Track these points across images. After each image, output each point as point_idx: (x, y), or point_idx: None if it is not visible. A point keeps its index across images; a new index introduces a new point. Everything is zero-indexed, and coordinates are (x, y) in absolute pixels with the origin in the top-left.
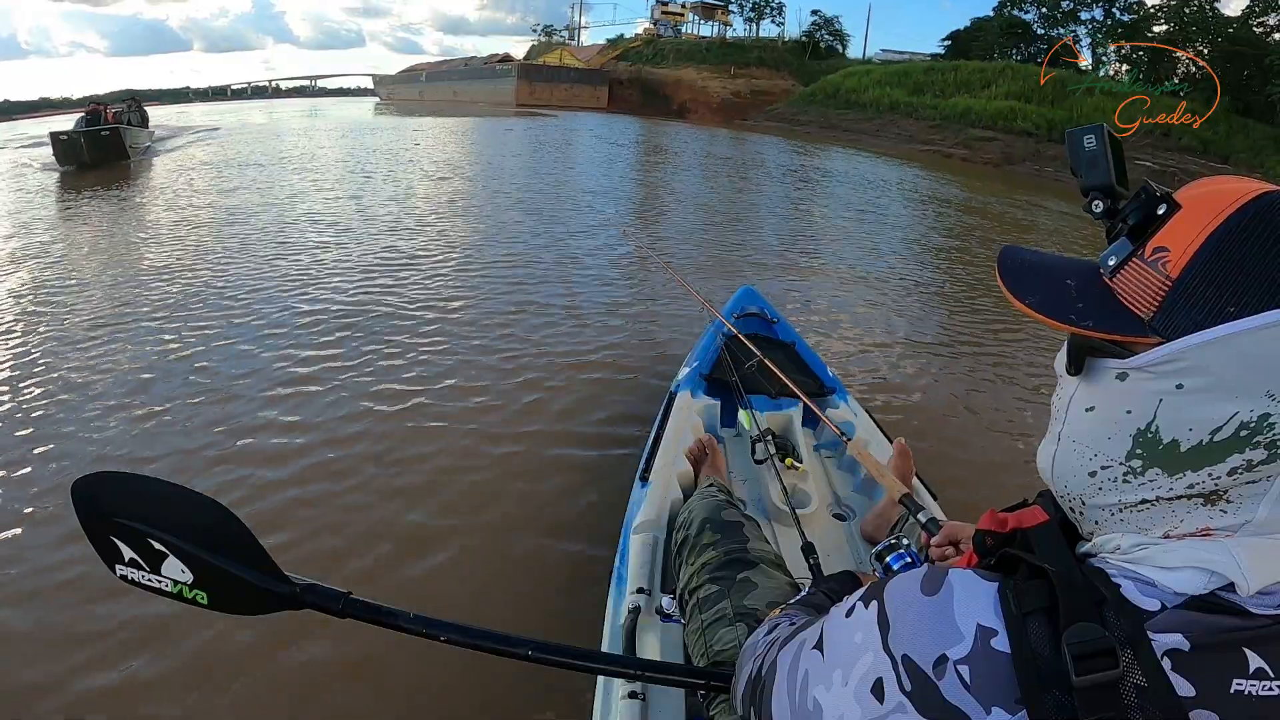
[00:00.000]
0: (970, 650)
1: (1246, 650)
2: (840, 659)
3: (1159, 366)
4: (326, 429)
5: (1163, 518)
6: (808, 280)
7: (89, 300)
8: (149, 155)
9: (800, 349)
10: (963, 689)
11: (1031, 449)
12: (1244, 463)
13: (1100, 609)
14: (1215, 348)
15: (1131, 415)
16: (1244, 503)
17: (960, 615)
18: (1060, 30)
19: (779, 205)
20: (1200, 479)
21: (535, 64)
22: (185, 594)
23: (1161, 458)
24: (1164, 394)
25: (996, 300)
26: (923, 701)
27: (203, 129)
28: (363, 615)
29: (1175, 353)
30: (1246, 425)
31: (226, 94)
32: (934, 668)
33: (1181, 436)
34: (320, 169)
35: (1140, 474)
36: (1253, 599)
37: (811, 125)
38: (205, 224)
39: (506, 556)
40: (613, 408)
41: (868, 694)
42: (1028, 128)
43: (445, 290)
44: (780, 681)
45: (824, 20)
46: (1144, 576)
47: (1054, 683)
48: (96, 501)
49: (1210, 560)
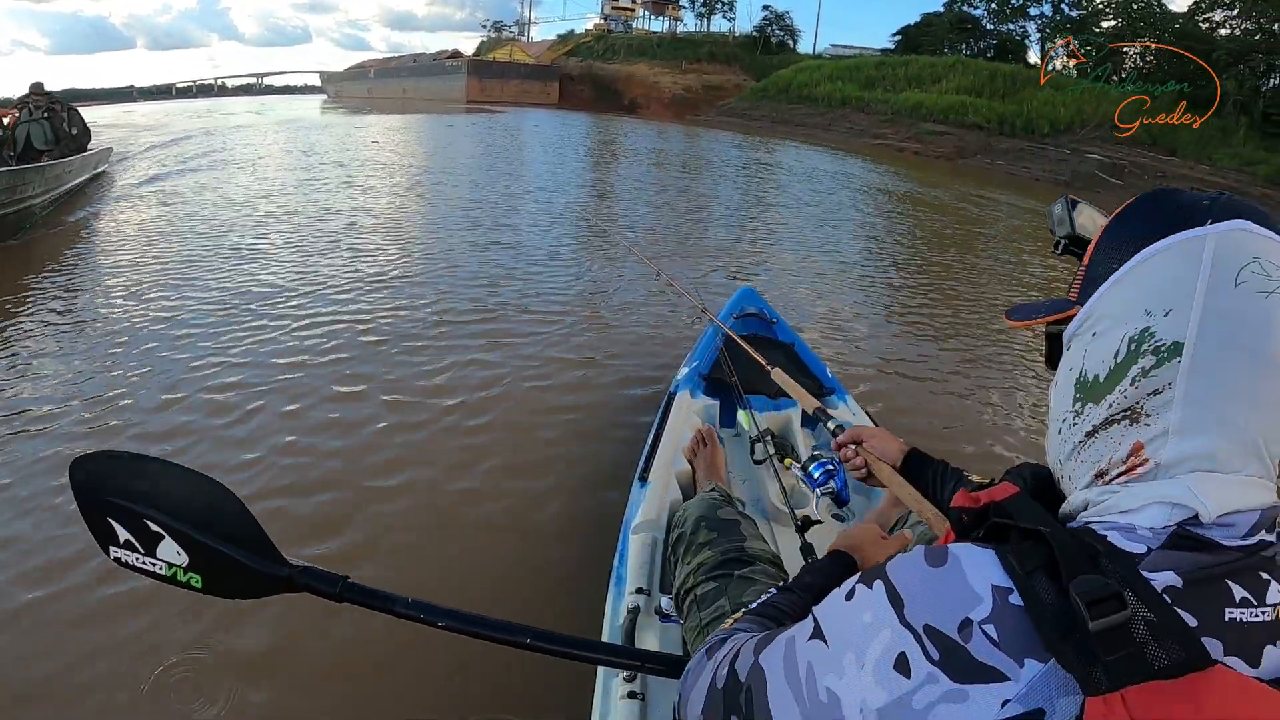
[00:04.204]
0: (992, 609)
1: (1229, 582)
2: (850, 642)
3: (1080, 326)
4: (326, 425)
5: (1105, 447)
6: (779, 273)
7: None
8: (94, 202)
9: (799, 349)
10: (993, 647)
11: (1008, 437)
12: (1140, 370)
13: (1095, 560)
14: (1107, 295)
15: (1072, 371)
16: (1158, 413)
17: (974, 579)
18: (1010, 25)
19: (736, 200)
20: (1116, 397)
21: (485, 60)
22: (180, 577)
23: (1090, 393)
24: (1086, 345)
25: (972, 305)
26: (954, 667)
27: (170, 138)
28: (360, 600)
29: (1086, 311)
30: (1133, 339)
31: (171, 93)
32: (959, 632)
33: (1099, 370)
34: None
35: (1080, 413)
36: (1220, 531)
37: (764, 120)
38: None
39: (504, 557)
40: (611, 408)
41: (890, 671)
42: (979, 121)
43: (432, 293)
44: (776, 682)
45: (775, 15)
46: (1121, 524)
47: (1072, 630)
48: (94, 481)
49: (1168, 494)
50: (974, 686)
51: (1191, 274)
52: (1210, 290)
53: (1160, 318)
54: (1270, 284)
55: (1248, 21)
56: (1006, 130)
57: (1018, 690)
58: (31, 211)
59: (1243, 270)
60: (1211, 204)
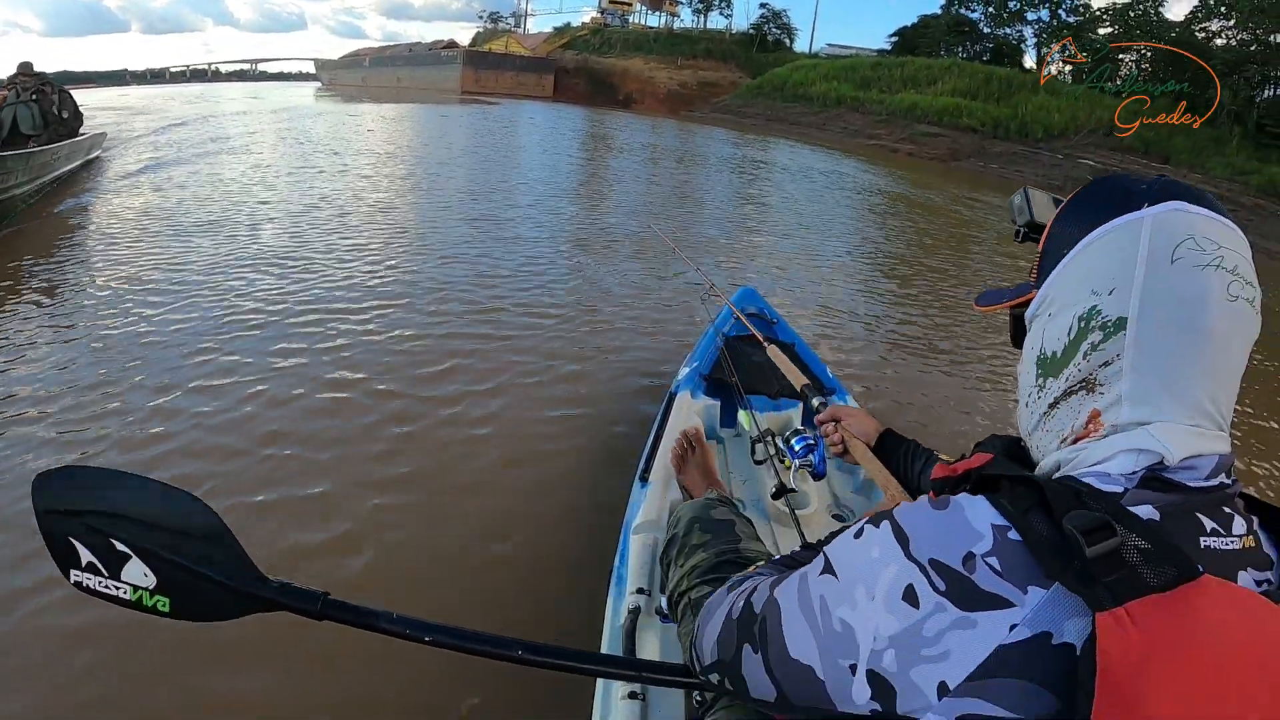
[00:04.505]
0: (994, 544)
1: (1199, 515)
2: (860, 576)
3: (1038, 308)
4: (312, 427)
5: (1066, 416)
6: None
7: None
8: (86, 192)
9: (800, 349)
10: (996, 577)
11: (1011, 430)
12: (1090, 345)
13: (1080, 499)
14: (1059, 279)
15: (1034, 349)
16: (1110, 382)
17: (974, 519)
18: (1007, 30)
19: (730, 198)
20: (1072, 371)
21: (481, 51)
22: (145, 601)
23: (1049, 368)
24: (1044, 325)
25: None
26: (960, 596)
27: (165, 123)
28: (342, 617)
29: (1042, 294)
30: (1082, 318)
31: (165, 77)
32: (963, 564)
33: (1056, 347)
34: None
35: (1043, 387)
36: (1185, 474)
37: (758, 117)
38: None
39: (504, 558)
40: (612, 408)
41: (899, 601)
42: (973, 124)
43: (430, 291)
44: (791, 613)
45: (772, 13)
46: (1095, 472)
47: (1070, 558)
48: (58, 500)
49: (1134, 443)
50: (981, 614)
51: (1131, 254)
52: (1149, 268)
53: (1105, 296)
54: (1205, 258)
55: (1243, 32)
56: (1001, 134)
57: (1024, 615)
58: (14, 202)
59: (1178, 247)
60: (1149, 187)
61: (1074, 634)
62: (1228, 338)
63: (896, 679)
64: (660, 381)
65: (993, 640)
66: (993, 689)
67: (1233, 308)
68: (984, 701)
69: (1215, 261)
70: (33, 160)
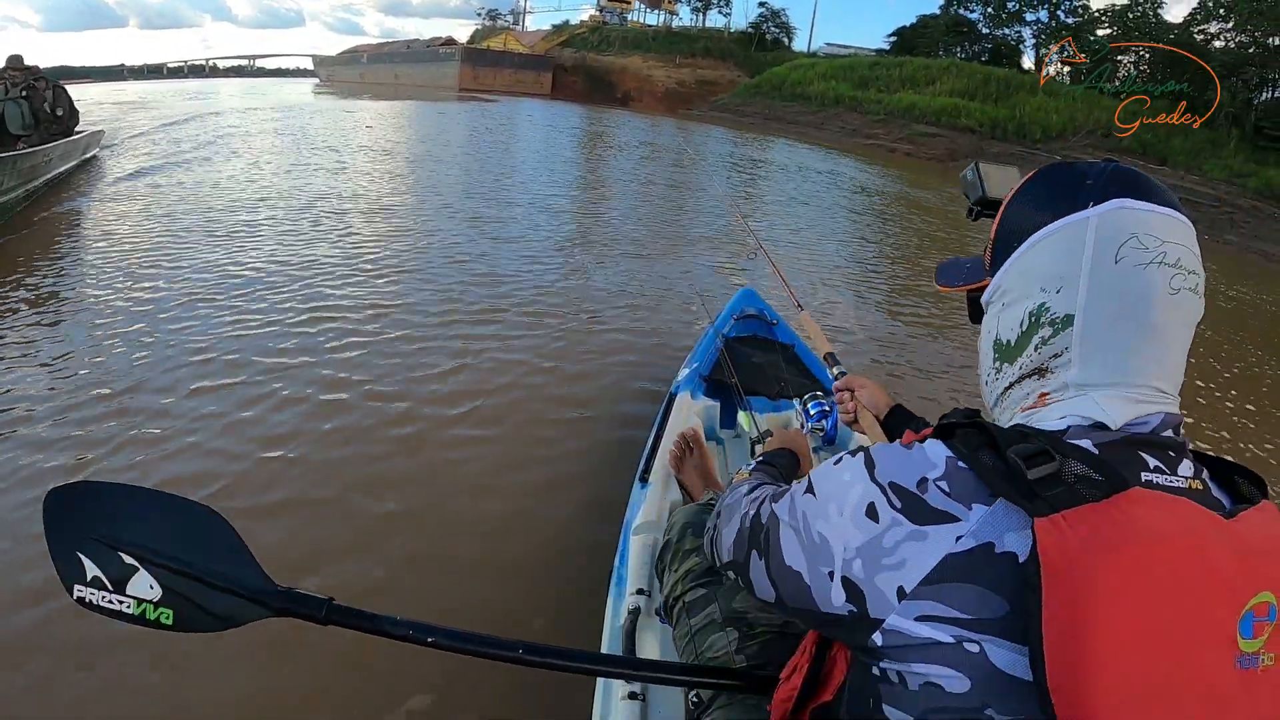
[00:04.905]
0: (944, 471)
1: (1141, 453)
2: (833, 495)
3: (991, 295)
4: (316, 426)
5: (1020, 396)
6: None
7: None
8: (80, 195)
9: (799, 350)
10: (945, 497)
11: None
12: (1040, 339)
13: (1024, 437)
14: (1010, 272)
15: (990, 333)
16: (1058, 371)
17: (931, 453)
18: (1005, 30)
19: (728, 195)
20: (1025, 359)
21: (479, 48)
22: (149, 615)
23: (1005, 354)
24: (998, 313)
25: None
26: (913, 513)
27: (162, 121)
28: (347, 622)
29: (995, 283)
30: (1033, 313)
31: (163, 73)
32: (917, 486)
33: (1010, 336)
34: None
35: (1000, 370)
36: (1128, 428)
37: (756, 116)
38: None
39: (504, 559)
40: (613, 409)
41: (863, 517)
42: (971, 125)
43: (433, 291)
44: (785, 525)
45: (770, 12)
46: (1043, 429)
47: (1012, 479)
48: (69, 514)
49: (1080, 408)
50: (931, 527)
51: (1077, 254)
52: (1094, 267)
53: (1053, 294)
54: (1147, 255)
55: (1242, 35)
56: (999, 134)
57: (968, 528)
58: (2, 210)
59: (1122, 247)
60: (1096, 180)
61: (1015, 544)
62: (1172, 327)
63: (864, 584)
64: (660, 382)
65: (941, 549)
66: (945, 592)
67: (1175, 299)
68: (938, 603)
69: (1158, 259)
70: (20, 164)
